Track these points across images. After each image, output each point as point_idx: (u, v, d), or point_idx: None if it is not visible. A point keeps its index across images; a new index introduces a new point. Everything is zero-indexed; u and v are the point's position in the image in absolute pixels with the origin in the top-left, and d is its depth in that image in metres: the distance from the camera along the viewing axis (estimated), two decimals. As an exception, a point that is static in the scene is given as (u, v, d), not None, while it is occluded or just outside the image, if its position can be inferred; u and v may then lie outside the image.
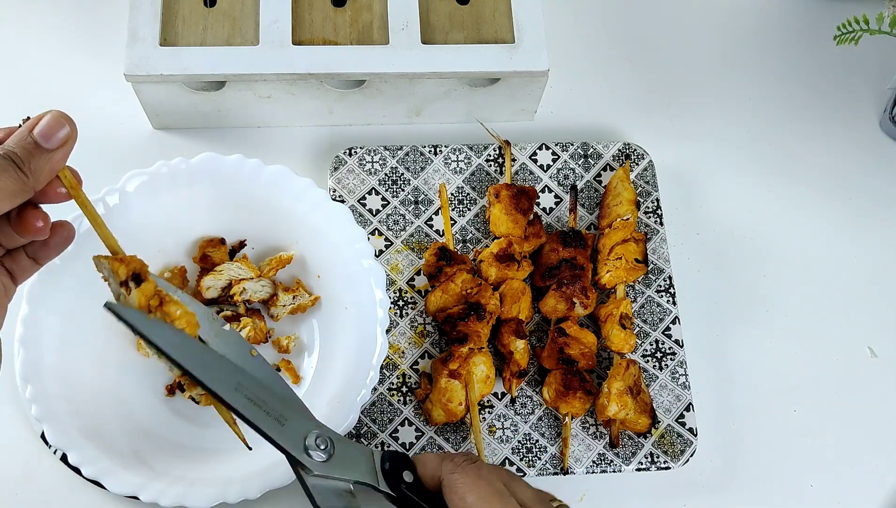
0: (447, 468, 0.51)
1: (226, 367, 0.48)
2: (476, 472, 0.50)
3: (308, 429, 0.50)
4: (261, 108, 0.71)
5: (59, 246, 0.48)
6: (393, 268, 0.68)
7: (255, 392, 0.48)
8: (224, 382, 0.47)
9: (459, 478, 0.49)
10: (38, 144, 0.43)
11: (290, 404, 0.50)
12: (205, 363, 0.47)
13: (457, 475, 0.50)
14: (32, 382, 0.57)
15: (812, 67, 0.81)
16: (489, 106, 0.74)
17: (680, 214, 0.74)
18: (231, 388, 0.48)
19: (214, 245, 0.65)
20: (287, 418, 0.49)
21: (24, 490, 0.61)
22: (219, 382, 0.47)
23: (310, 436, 0.49)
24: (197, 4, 0.68)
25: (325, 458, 0.49)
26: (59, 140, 0.43)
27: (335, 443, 0.50)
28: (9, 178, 0.42)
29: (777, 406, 0.69)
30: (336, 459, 0.50)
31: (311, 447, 0.49)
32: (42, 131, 0.43)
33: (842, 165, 0.78)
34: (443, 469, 0.51)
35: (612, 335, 0.65)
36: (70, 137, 0.44)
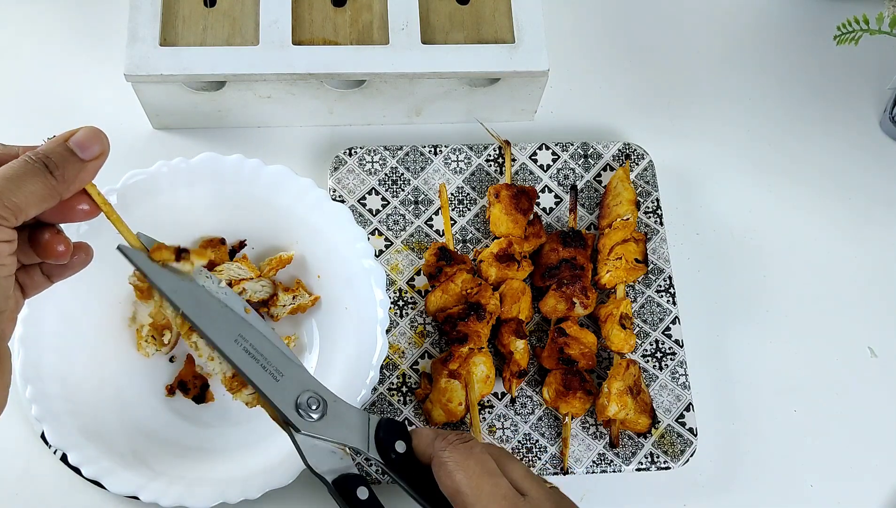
0: (439, 445, 0.51)
1: (229, 318, 0.49)
2: (467, 451, 0.50)
3: (302, 387, 0.50)
4: (261, 108, 0.71)
5: (76, 266, 0.48)
6: (393, 268, 0.68)
7: (254, 346, 0.49)
8: (224, 332, 0.48)
9: (450, 456, 0.50)
10: (74, 152, 0.43)
11: (287, 361, 0.50)
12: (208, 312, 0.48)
13: (447, 452, 0.50)
14: (32, 382, 0.57)
15: (812, 67, 0.81)
16: (489, 106, 0.74)
17: (680, 214, 0.74)
18: (230, 339, 0.48)
19: (214, 245, 0.65)
20: (282, 374, 0.49)
21: (24, 490, 0.61)
22: (219, 331, 0.48)
23: (303, 394, 0.50)
24: (197, 4, 0.68)
25: (315, 418, 0.50)
26: (93, 153, 0.44)
27: (329, 403, 0.50)
28: (40, 182, 0.42)
29: (777, 406, 0.69)
30: (327, 420, 0.50)
31: (303, 405, 0.49)
32: (79, 141, 0.43)
33: (842, 165, 0.78)
34: (434, 446, 0.51)
35: (612, 335, 0.65)
36: (103, 153, 0.44)
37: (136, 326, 0.64)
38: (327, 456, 0.51)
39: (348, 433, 0.51)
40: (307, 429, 0.50)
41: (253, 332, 0.49)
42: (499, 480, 0.49)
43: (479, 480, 0.48)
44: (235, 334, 0.49)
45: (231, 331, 0.49)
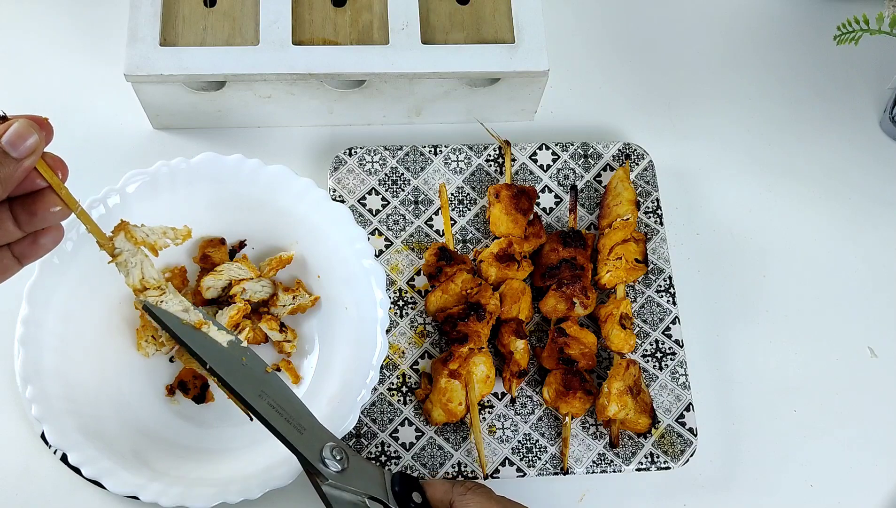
0: (458, 490, 0.54)
1: (250, 375, 0.52)
2: (487, 493, 0.53)
3: (324, 441, 0.52)
4: (261, 108, 0.71)
5: (48, 246, 0.48)
6: (393, 268, 0.68)
7: (276, 401, 0.52)
8: (249, 387, 0.51)
9: (471, 498, 0.53)
10: (6, 152, 0.43)
11: (306, 417, 0.53)
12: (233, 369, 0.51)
13: (468, 497, 0.53)
14: (32, 382, 0.57)
15: (812, 67, 0.81)
16: (489, 106, 0.74)
17: (680, 214, 0.74)
18: (255, 394, 0.51)
19: (214, 245, 0.65)
20: (305, 427, 0.52)
21: (24, 490, 0.61)
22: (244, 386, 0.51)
23: (326, 447, 0.52)
24: (197, 4, 0.68)
25: (340, 469, 0.52)
26: (27, 149, 0.43)
27: (350, 457, 0.53)
28: None
29: (777, 406, 0.69)
30: (350, 471, 0.52)
31: (328, 457, 0.52)
32: (9, 140, 0.43)
33: (842, 165, 0.78)
34: (454, 492, 0.54)
35: (612, 335, 0.65)
36: (38, 146, 0.43)
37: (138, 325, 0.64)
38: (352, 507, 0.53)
39: (370, 484, 0.53)
40: (333, 479, 0.52)
41: (273, 388, 0.52)
42: None
43: None
44: (259, 390, 0.51)
45: (255, 387, 0.51)
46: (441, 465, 0.63)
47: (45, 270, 0.59)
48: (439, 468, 0.62)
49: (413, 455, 0.63)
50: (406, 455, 0.63)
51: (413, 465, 0.62)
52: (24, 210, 0.45)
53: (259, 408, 0.51)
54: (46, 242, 0.47)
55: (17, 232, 0.46)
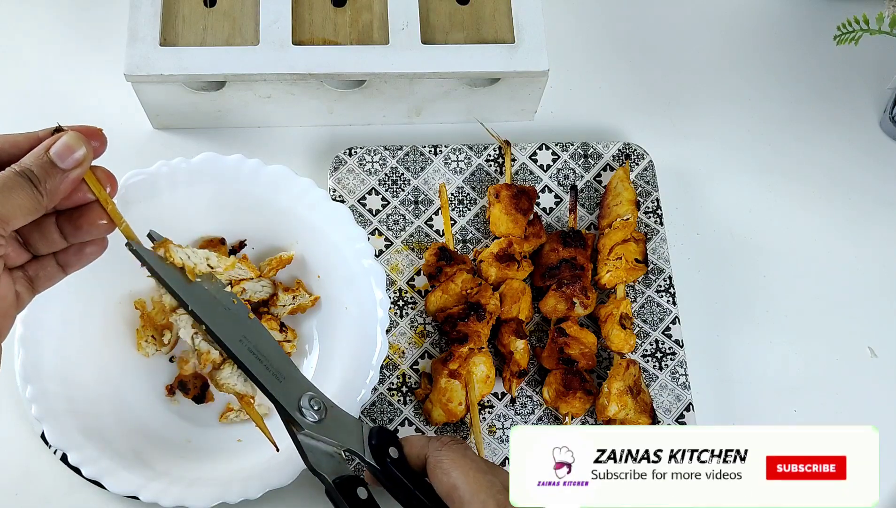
0: (433, 446, 0.52)
1: (233, 319, 0.51)
2: (461, 451, 0.52)
3: (303, 390, 0.51)
4: (261, 108, 0.71)
5: (93, 254, 0.49)
6: (393, 268, 0.68)
7: (257, 347, 0.51)
8: (230, 331, 0.50)
9: (445, 454, 0.51)
10: (54, 163, 0.44)
11: (288, 364, 0.52)
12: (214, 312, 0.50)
13: (443, 452, 0.52)
14: (32, 382, 0.57)
15: (812, 67, 0.81)
16: (489, 106, 0.74)
17: (680, 214, 0.74)
18: (236, 338, 0.50)
19: (214, 245, 0.65)
20: (284, 376, 0.51)
21: (24, 490, 0.61)
22: (225, 330, 0.50)
23: (304, 397, 0.51)
24: (197, 4, 0.68)
25: (317, 419, 0.51)
26: (74, 161, 0.44)
27: (328, 409, 0.52)
28: (25, 196, 0.43)
29: (777, 406, 0.69)
30: (328, 422, 0.51)
31: (305, 406, 0.51)
32: (58, 152, 0.44)
33: (842, 165, 0.78)
34: (429, 448, 0.53)
35: (612, 335, 0.65)
36: (86, 158, 0.45)
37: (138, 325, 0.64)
38: (326, 459, 0.52)
39: (347, 437, 0.53)
40: (309, 429, 0.51)
41: (255, 334, 0.51)
42: (492, 477, 0.50)
43: (475, 475, 0.50)
44: (240, 334, 0.50)
45: (236, 331, 0.50)
46: (441, 465, 0.63)
47: (45, 270, 0.59)
48: (439, 468, 0.63)
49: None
50: (406, 454, 0.63)
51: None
52: (69, 223, 0.47)
53: (238, 353, 0.50)
54: (91, 251, 0.49)
55: (62, 242, 0.47)
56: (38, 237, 0.47)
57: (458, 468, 0.50)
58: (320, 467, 0.51)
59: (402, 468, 0.53)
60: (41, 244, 0.47)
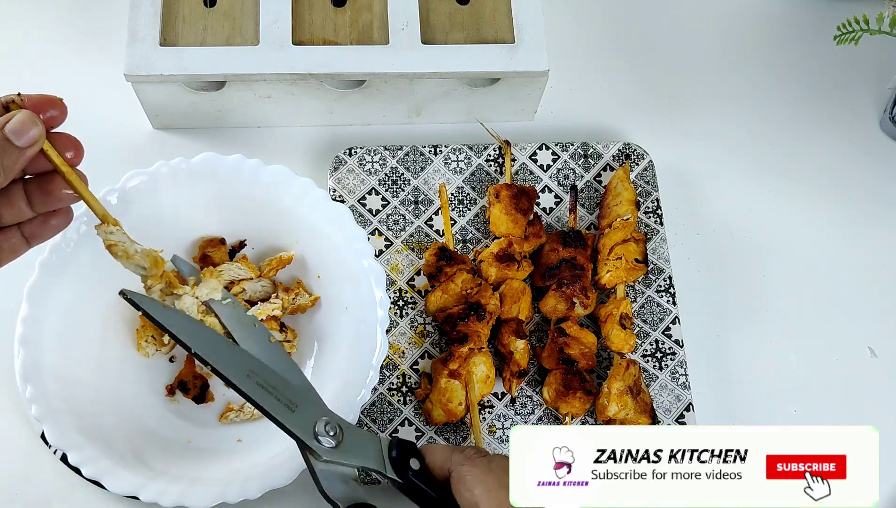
0: (457, 459, 0.51)
1: (238, 353, 0.51)
2: (486, 465, 0.50)
3: (318, 416, 0.51)
4: (261, 108, 0.71)
5: (58, 226, 0.49)
6: (393, 268, 0.68)
7: (266, 379, 0.50)
8: (236, 367, 0.49)
9: (469, 470, 0.50)
10: (10, 140, 0.44)
11: (301, 391, 0.52)
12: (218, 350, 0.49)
13: (466, 466, 0.50)
14: (32, 382, 0.57)
15: (812, 67, 0.81)
16: (489, 106, 0.74)
17: (680, 214, 0.74)
18: (243, 374, 0.49)
19: (214, 245, 0.65)
20: (297, 404, 0.50)
21: (24, 490, 0.61)
22: (231, 368, 0.49)
23: (319, 423, 0.50)
24: (197, 4, 0.68)
25: (333, 444, 0.50)
26: (29, 139, 0.44)
27: (344, 430, 0.51)
28: None
29: (777, 406, 0.69)
30: (344, 445, 0.51)
31: (321, 433, 0.50)
32: (13, 129, 0.44)
33: (842, 165, 0.78)
34: (452, 460, 0.51)
35: (612, 335, 0.65)
36: (41, 137, 0.45)
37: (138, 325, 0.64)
38: (341, 484, 0.51)
39: (365, 457, 0.52)
40: (327, 456, 0.50)
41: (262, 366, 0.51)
42: None
43: (498, 492, 0.49)
44: (247, 369, 0.50)
45: (243, 367, 0.50)
46: (441, 465, 0.63)
47: (45, 270, 0.59)
48: (439, 468, 0.62)
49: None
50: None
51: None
52: (39, 190, 0.47)
53: (247, 389, 0.49)
54: (57, 223, 0.49)
55: (29, 212, 0.47)
56: (5, 205, 0.47)
57: (482, 484, 0.49)
58: (334, 493, 0.50)
59: (425, 479, 0.52)
60: (7, 213, 0.47)
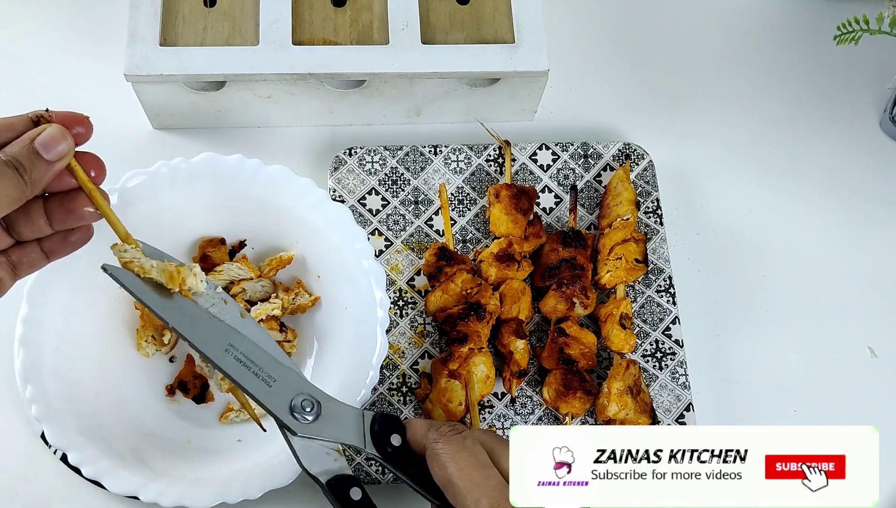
0: (432, 436, 0.51)
1: (217, 328, 0.50)
2: (460, 442, 0.50)
3: (295, 391, 0.51)
4: (261, 108, 0.71)
5: (78, 243, 0.49)
6: (393, 268, 0.68)
7: (245, 354, 0.50)
8: (214, 342, 0.49)
9: (442, 447, 0.50)
10: (39, 154, 0.44)
11: (279, 365, 0.51)
12: (195, 324, 0.49)
13: (440, 443, 0.50)
14: (32, 382, 0.57)
15: (812, 67, 0.81)
16: (489, 106, 0.74)
17: (680, 214, 0.74)
18: (221, 349, 0.49)
19: (214, 245, 0.65)
20: (275, 379, 0.50)
21: (24, 490, 0.61)
22: (208, 342, 0.49)
23: (296, 398, 0.50)
24: (197, 4, 0.68)
25: (311, 419, 0.50)
26: (58, 153, 0.45)
27: (322, 404, 0.51)
28: (10, 184, 0.43)
29: (777, 406, 0.69)
30: (322, 420, 0.51)
31: (297, 408, 0.50)
32: (44, 142, 0.44)
33: (842, 165, 0.78)
34: (428, 437, 0.51)
35: (612, 335, 0.65)
36: (70, 151, 0.45)
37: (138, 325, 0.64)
38: (322, 458, 0.51)
39: (344, 432, 0.52)
40: (303, 431, 0.50)
41: (242, 339, 0.50)
42: (490, 471, 0.49)
43: (471, 472, 0.49)
44: (225, 343, 0.49)
45: (221, 341, 0.49)
46: (441, 465, 0.63)
47: (45, 270, 0.58)
48: (439, 468, 0.62)
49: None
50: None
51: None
52: (60, 207, 0.47)
53: (224, 364, 0.49)
54: (77, 239, 0.49)
55: (48, 229, 0.48)
56: (24, 222, 0.47)
57: (455, 461, 0.49)
58: (314, 468, 0.50)
59: (405, 455, 0.52)
60: (26, 230, 0.47)
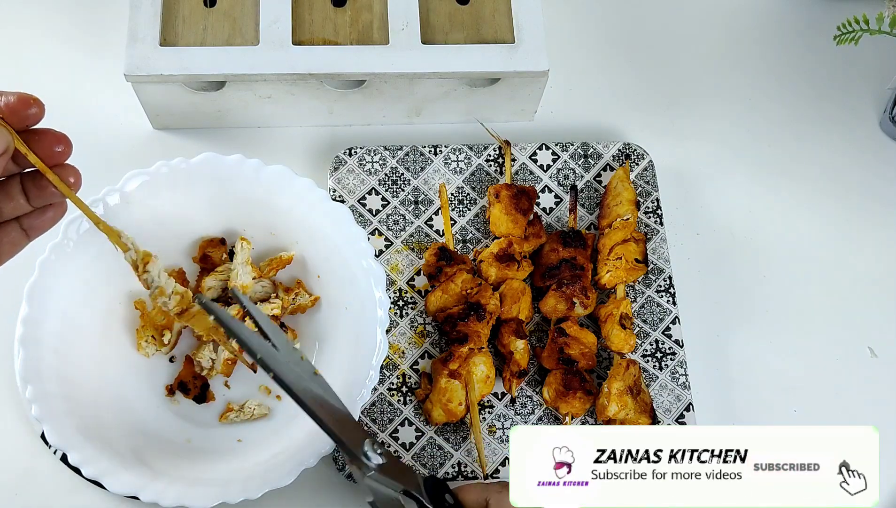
0: (494, 489, 0.53)
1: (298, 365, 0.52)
2: None
3: (365, 436, 0.52)
4: (261, 108, 0.71)
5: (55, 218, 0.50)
6: (393, 268, 0.68)
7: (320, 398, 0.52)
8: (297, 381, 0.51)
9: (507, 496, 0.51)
10: None
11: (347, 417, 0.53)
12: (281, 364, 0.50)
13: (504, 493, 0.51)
14: (32, 382, 0.57)
15: (812, 67, 0.81)
16: (489, 106, 0.74)
17: (680, 214, 0.74)
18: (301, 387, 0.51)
19: (214, 245, 0.65)
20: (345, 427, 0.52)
21: (24, 490, 0.61)
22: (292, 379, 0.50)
23: (367, 441, 0.52)
24: (197, 4, 0.68)
25: (381, 462, 0.52)
26: None
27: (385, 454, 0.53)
28: None
29: (777, 406, 0.69)
30: (388, 467, 0.52)
31: (369, 450, 0.52)
32: None
33: (842, 165, 0.78)
34: (489, 490, 0.53)
35: (612, 335, 0.65)
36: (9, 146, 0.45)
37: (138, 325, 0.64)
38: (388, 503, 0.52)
39: (407, 482, 0.53)
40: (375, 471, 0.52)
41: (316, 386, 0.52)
42: None
43: None
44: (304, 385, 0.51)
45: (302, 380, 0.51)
46: (441, 465, 0.63)
47: (45, 270, 0.59)
48: (439, 468, 0.63)
49: (413, 455, 0.63)
50: (406, 454, 0.63)
51: (413, 465, 0.62)
52: (33, 184, 0.48)
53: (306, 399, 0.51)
54: (53, 215, 0.49)
55: (27, 206, 0.48)
56: (4, 198, 0.47)
57: None
58: None
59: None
60: (6, 207, 0.48)
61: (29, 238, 0.49)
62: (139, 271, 0.56)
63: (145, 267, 0.55)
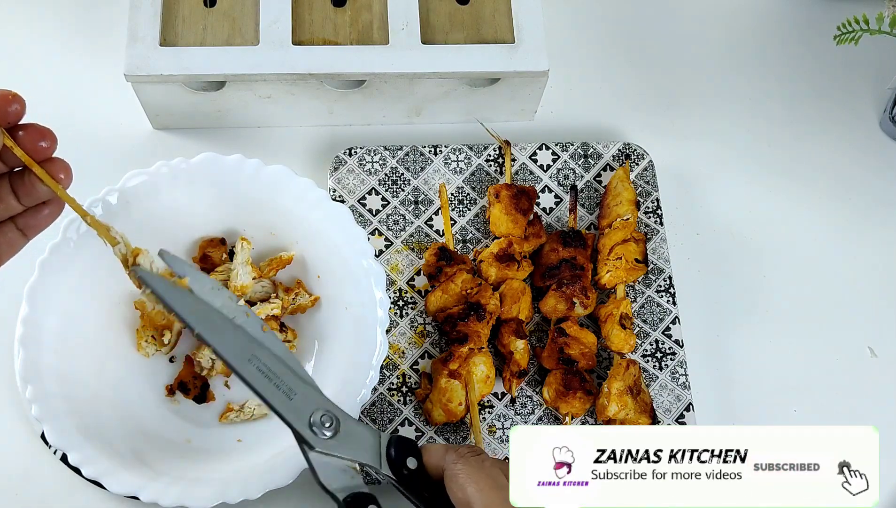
0: (450, 458, 0.51)
1: (241, 337, 0.50)
2: (478, 464, 0.50)
3: (316, 406, 0.51)
4: (261, 108, 0.71)
5: (51, 216, 0.49)
6: (393, 268, 0.68)
7: (267, 365, 0.50)
8: (238, 351, 0.49)
9: (461, 469, 0.50)
10: None
11: (300, 381, 0.51)
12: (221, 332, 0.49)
13: (459, 465, 0.50)
14: (32, 382, 0.57)
15: (812, 67, 0.81)
16: (489, 106, 0.74)
17: (680, 214, 0.74)
18: (244, 359, 0.49)
19: (214, 245, 0.65)
20: (296, 392, 0.50)
21: (24, 490, 0.61)
22: (232, 351, 0.49)
23: (316, 413, 0.50)
24: (197, 4, 0.68)
25: (329, 436, 0.50)
26: None
27: (342, 422, 0.51)
28: None
29: (777, 406, 0.69)
30: (341, 437, 0.51)
31: (317, 423, 0.50)
32: None
33: (842, 165, 0.78)
34: (446, 459, 0.51)
35: (612, 335, 0.65)
36: None
37: (138, 325, 0.64)
38: (339, 474, 0.51)
39: (361, 451, 0.52)
40: (321, 447, 0.50)
41: (265, 352, 0.50)
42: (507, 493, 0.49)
43: (490, 492, 0.49)
44: (249, 353, 0.49)
45: (244, 351, 0.49)
46: (441, 465, 0.63)
47: (45, 270, 0.59)
48: (439, 468, 0.62)
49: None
50: (406, 455, 0.63)
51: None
52: (22, 183, 0.47)
53: (246, 374, 0.49)
54: (49, 213, 0.49)
55: (18, 206, 0.47)
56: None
57: (474, 482, 0.49)
58: (331, 485, 0.50)
59: (421, 479, 0.52)
60: None
61: (27, 238, 0.49)
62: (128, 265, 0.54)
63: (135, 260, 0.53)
